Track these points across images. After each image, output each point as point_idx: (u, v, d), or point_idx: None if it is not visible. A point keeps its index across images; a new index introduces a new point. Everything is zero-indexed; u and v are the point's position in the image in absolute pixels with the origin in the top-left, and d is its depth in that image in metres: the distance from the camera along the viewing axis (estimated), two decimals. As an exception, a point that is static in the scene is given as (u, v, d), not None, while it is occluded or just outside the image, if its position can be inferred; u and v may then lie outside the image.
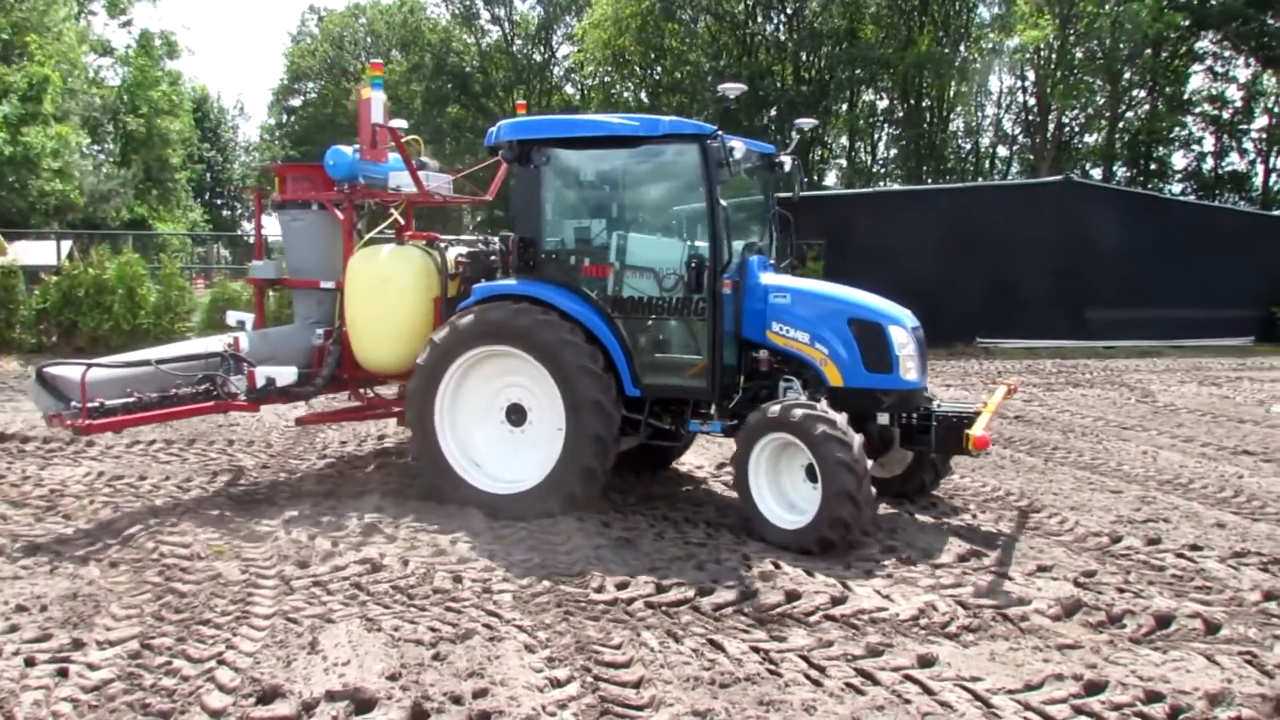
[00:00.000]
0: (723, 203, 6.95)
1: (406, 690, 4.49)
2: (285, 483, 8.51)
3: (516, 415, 7.63)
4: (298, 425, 10.06)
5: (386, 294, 8.21)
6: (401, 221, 9.06)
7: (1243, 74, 42.26)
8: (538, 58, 53.15)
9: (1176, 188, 44.92)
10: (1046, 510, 7.89)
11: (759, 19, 43.68)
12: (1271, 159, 43.41)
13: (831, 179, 48.44)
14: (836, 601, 5.64)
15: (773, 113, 40.44)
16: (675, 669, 4.73)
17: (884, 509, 7.62)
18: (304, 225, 9.02)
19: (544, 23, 53.54)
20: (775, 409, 6.67)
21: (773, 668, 4.78)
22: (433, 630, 5.19)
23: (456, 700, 4.41)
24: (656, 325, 7.41)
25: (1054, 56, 39.80)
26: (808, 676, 4.70)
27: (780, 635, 5.19)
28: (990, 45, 41.29)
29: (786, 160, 8.21)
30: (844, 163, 49.59)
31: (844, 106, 44.64)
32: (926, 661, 4.87)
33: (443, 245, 8.64)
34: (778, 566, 6.26)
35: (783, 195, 8.45)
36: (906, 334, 7.17)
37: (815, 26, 42.06)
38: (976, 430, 6.82)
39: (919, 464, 7.86)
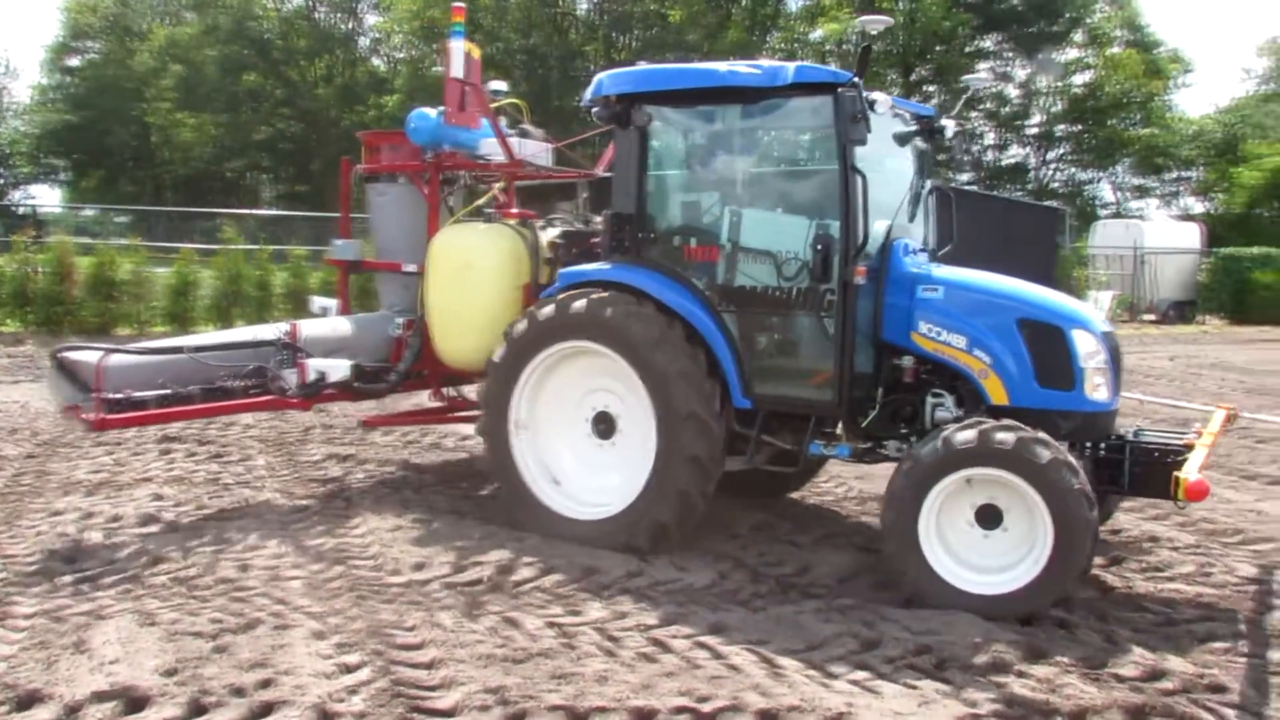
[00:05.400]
0: (860, 170, 5.71)
1: (184, 685, 4.28)
2: (54, 473, 7.91)
3: (604, 425, 6.48)
4: (363, 428, 8.85)
5: (468, 279, 7.19)
6: (502, 198, 8.07)
7: (1021, 74, 45.47)
8: (343, 26, 51.21)
9: (963, 177, 47.96)
10: (834, 480, 8.25)
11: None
12: (1046, 153, 47.04)
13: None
14: (633, 575, 5.73)
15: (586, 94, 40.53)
16: (470, 648, 4.69)
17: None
18: (389, 200, 8.02)
19: (350, -10, 51.59)
20: (1004, 436, 5.17)
21: (568, 641, 4.82)
22: (215, 621, 4.95)
23: (238, 692, 4.23)
24: (775, 321, 6.19)
25: (854, 50, 41.58)
26: (602, 648, 4.77)
27: (576, 609, 5.24)
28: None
29: (949, 124, 6.82)
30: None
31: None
32: (717, 628, 5.02)
33: (540, 225, 7.64)
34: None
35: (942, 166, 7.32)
36: (1095, 341, 5.75)
37: (626, 9, 42.36)
38: (1189, 473, 5.23)
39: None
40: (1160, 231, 32.20)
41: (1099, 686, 4.48)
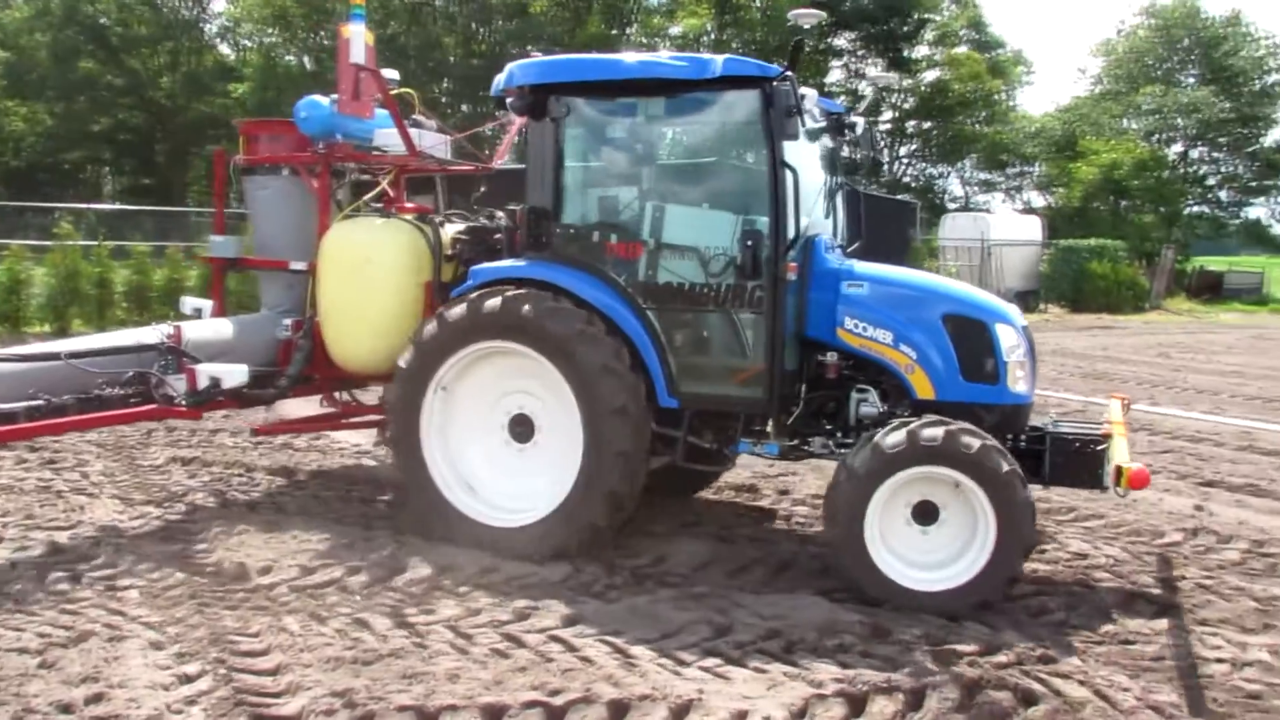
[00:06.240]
0: (790, 165, 5.67)
1: (4, 705, 4.06)
2: None
3: (522, 428, 6.22)
4: (254, 437, 8.25)
5: (366, 277, 6.73)
6: (390, 192, 7.60)
7: (873, 71, 46.97)
8: (186, 13, 48.93)
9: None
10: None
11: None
12: (896, 148, 48.80)
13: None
14: (487, 571, 5.68)
15: (445, 84, 39.93)
16: (316, 651, 4.58)
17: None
18: (271, 193, 7.43)
19: (194, -26, 49.27)
20: (932, 433, 5.23)
21: (419, 641, 4.76)
22: (42, 636, 4.72)
23: (66, 709, 4.06)
24: (700, 319, 6.03)
25: (713, 45, 42.18)
26: (454, 646, 4.73)
27: (429, 608, 5.17)
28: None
29: (859, 121, 6.77)
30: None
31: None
32: (572, 621, 5.03)
33: (438, 220, 7.15)
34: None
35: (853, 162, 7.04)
36: (1016, 334, 5.87)
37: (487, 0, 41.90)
38: (1124, 459, 5.48)
39: None
40: (1005, 224, 33.71)
41: (938, 662, 4.67)
